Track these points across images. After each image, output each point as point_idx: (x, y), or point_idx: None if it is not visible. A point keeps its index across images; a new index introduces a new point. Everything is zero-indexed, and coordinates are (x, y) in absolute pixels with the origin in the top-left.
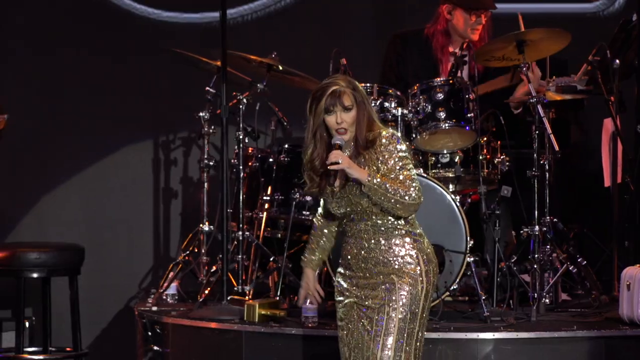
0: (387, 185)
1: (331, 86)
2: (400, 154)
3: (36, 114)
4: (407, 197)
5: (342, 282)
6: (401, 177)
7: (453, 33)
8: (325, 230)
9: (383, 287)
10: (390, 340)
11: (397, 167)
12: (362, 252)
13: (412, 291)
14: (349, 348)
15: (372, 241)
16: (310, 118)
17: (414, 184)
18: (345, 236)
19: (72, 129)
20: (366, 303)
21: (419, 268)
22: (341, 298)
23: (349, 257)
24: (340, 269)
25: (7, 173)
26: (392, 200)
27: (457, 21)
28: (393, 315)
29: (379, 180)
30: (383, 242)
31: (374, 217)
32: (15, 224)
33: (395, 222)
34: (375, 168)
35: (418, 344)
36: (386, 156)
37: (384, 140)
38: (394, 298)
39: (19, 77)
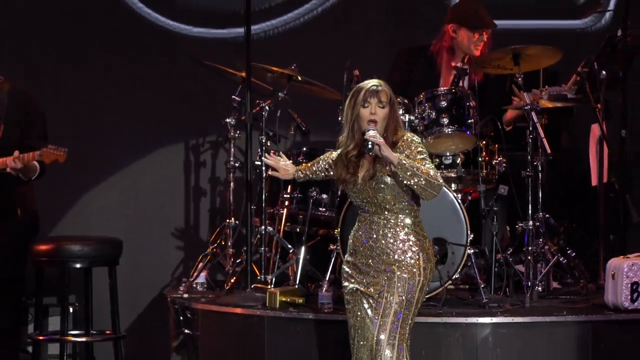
0: (418, 165)
1: (370, 83)
2: (421, 149)
3: (79, 121)
4: (435, 180)
5: (347, 269)
6: (422, 158)
7: (457, 49)
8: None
9: (384, 276)
10: (388, 323)
11: (419, 154)
12: (370, 242)
13: (409, 282)
14: (355, 329)
15: (381, 233)
16: (347, 112)
17: (438, 175)
18: (357, 224)
19: (111, 133)
20: (368, 289)
21: (418, 264)
22: (347, 284)
23: (358, 244)
24: (348, 257)
25: (52, 174)
26: (422, 179)
27: (461, 39)
28: (391, 301)
29: (409, 160)
30: (390, 235)
31: (386, 213)
32: (60, 220)
33: (404, 221)
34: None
35: (409, 328)
36: (408, 153)
37: (407, 140)
38: (392, 286)
39: (65, 88)
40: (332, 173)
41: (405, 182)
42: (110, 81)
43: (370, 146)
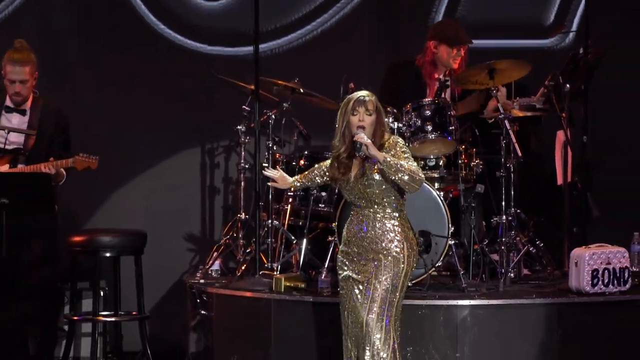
0: (402, 162)
1: (359, 94)
2: (405, 149)
3: (110, 130)
4: (416, 175)
5: (342, 258)
6: (406, 156)
7: (438, 63)
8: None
9: (372, 263)
10: (375, 307)
11: (402, 153)
12: (361, 233)
13: (395, 269)
14: (347, 312)
15: (370, 225)
16: (339, 119)
17: (419, 170)
18: (350, 218)
19: (137, 139)
20: (359, 276)
21: (403, 253)
22: (341, 271)
23: (350, 235)
24: (343, 247)
25: (86, 176)
26: (405, 174)
27: (441, 54)
28: (378, 287)
29: (394, 159)
30: (378, 227)
31: (375, 206)
32: (92, 214)
33: (392, 214)
34: None
35: (396, 310)
36: (393, 152)
37: (392, 141)
38: (380, 273)
39: (99, 103)
40: (326, 178)
41: (390, 177)
42: (137, 95)
43: (358, 146)
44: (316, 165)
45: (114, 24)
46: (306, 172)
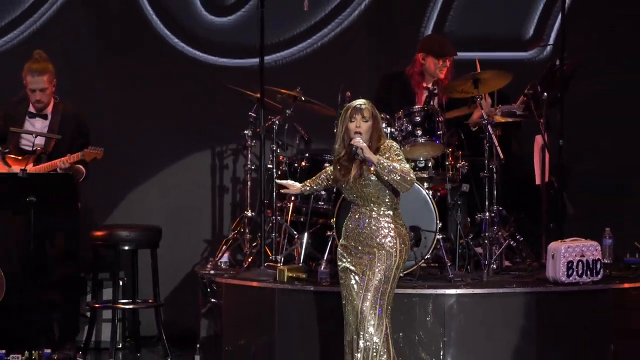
0: (395, 164)
1: (357, 102)
2: (398, 152)
3: (129, 133)
4: (407, 176)
5: (341, 251)
6: (399, 159)
7: (426, 73)
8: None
9: (368, 256)
10: (369, 296)
11: (396, 155)
12: (358, 228)
13: (387, 262)
14: (346, 300)
15: (367, 221)
16: (339, 126)
17: (410, 171)
18: (349, 215)
19: (153, 142)
20: (356, 268)
21: (395, 247)
22: (340, 263)
23: (349, 230)
24: (342, 241)
25: (107, 174)
26: (397, 175)
27: (429, 65)
28: (372, 277)
29: (386, 161)
30: (374, 223)
31: (371, 204)
32: (112, 211)
33: (386, 212)
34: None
35: (388, 299)
36: (387, 155)
37: (387, 145)
38: (374, 265)
39: (118, 109)
40: (330, 181)
41: (384, 177)
42: (154, 102)
43: (355, 150)
44: (321, 172)
45: (134, 39)
46: (314, 177)
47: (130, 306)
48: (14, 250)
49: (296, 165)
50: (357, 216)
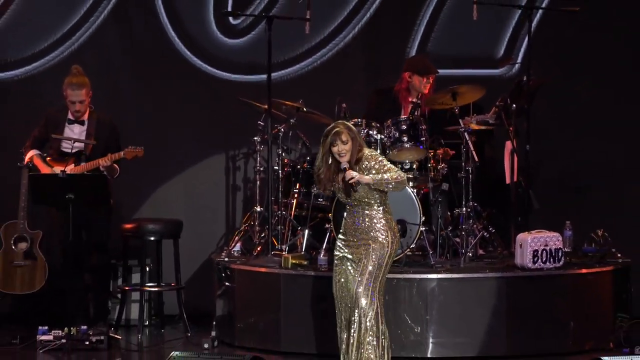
0: (386, 176)
1: (334, 129)
2: (381, 159)
3: (156, 139)
4: (398, 177)
5: (339, 243)
6: (387, 167)
7: (412, 89)
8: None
9: (363, 248)
10: (364, 280)
11: (382, 165)
12: (354, 225)
13: (380, 252)
14: (340, 285)
15: (361, 219)
16: (321, 148)
17: (396, 169)
18: (346, 213)
19: (177, 146)
20: (352, 257)
21: (387, 239)
22: (337, 253)
23: (346, 227)
24: (341, 235)
25: (136, 176)
26: (392, 183)
27: (414, 82)
28: (367, 264)
29: (378, 176)
30: (367, 220)
31: (364, 205)
32: (140, 206)
33: (378, 209)
34: (371, 172)
35: (380, 283)
36: (372, 163)
37: (368, 154)
38: (369, 255)
39: (147, 117)
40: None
41: (381, 189)
42: (176, 112)
43: (353, 186)
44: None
45: (159, 59)
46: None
47: (156, 289)
48: (55, 241)
49: (298, 167)
50: (352, 215)
